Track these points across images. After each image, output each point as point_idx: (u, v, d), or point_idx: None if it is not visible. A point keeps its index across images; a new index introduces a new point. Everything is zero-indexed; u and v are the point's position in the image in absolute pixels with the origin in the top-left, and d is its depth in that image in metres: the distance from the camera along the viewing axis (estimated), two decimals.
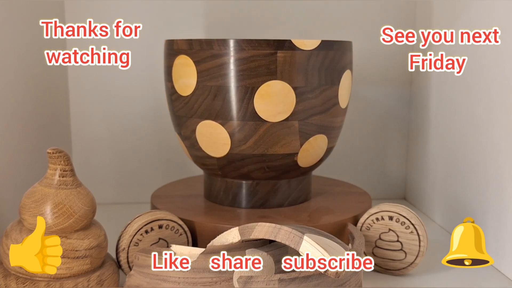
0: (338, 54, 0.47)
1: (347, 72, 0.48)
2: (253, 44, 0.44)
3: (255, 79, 0.44)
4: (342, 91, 0.48)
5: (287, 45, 0.44)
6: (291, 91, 0.45)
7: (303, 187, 0.51)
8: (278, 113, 0.45)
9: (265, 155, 0.46)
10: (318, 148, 0.48)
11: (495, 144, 0.47)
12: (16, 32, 0.50)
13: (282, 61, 0.44)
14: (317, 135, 0.47)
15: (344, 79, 0.48)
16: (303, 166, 0.49)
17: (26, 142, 0.52)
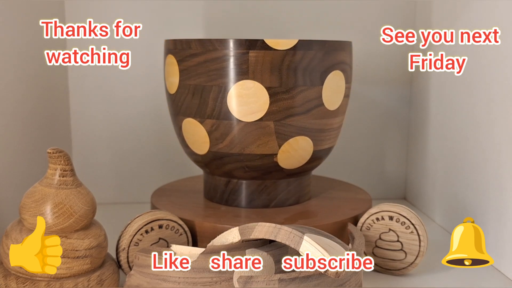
0: (319, 54, 0.45)
1: (335, 73, 0.47)
2: (225, 43, 0.44)
3: (228, 78, 0.44)
4: (328, 93, 0.46)
5: (259, 45, 0.44)
6: (264, 91, 0.44)
7: (293, 189, 0.50)
8: (251, 113, 0.45)
9: (242, 154, 0.46)
10: (301, 150, 0.47)
11: (495, 144, 0.47)
12: (16, 32, 0.50)
13: (254, 61, 0.44)
14: (297, 136, 0.46)
15: (331, 80, 0.46)
16: (286, 167, 0.48)
17: (26, 142, 0.52)
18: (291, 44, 0.44)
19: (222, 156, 0.47)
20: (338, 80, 0.47)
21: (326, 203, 0.51)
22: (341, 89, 0.48)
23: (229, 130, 0.46)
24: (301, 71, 0.45)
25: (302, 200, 0.51)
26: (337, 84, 0.47)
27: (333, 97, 0.47)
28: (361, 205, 0.50)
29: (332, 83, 0.47)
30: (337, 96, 0.48)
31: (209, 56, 0.45)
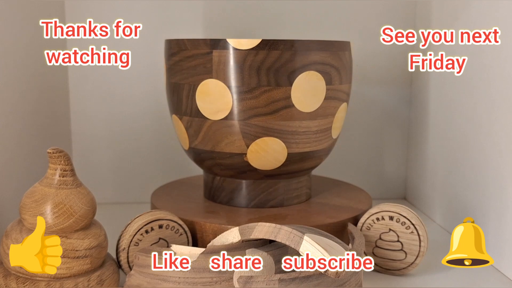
0: (287, 54, 0.44)
1: (308, 73, 0.45)
2: (193, 43, 0.45)
3: (195, 77, 0.46)
4: (299, 94, 0.45)
5: (221, 45, 0.44)
6: (227, 90, 0.45)
7: (274, 191, 0.49)
8: (217, 111, 0.45)
9: (214, 152, 0.47)
10: (272, 152, 0.46)
11: (495, 144, 0.47)
12: (16, 32, 0.50)
13: (217, 60, 0.44)
14: (265, 137, 0.46)
15: (302, 81, 0.45)
16: (260, 168, 0.47)
17: (26, 142, 0.52)
18: (253, 43, 0.44)
19: (200, 153, 0.49)
20: (313, 81, 0.45)
21: (326, 203, 0.51)
22: (318, 90, 0.46)
23: (200, 128, 0.47)
24: (265, 71, 0.44)
25: (288, 203, 0.50)
26: (312, 86, 0.45)
27: (306, 99, 0.45)
28: (361, 205, 0.50)
29: (304, 84, 0.45)
30: (313, 98, 0.46)
31: (182, 56, 0.46)
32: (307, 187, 0.52)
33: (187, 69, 0.46)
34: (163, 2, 0.62)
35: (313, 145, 0.48)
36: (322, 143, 0.48)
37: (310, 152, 0.48)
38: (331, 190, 0.55)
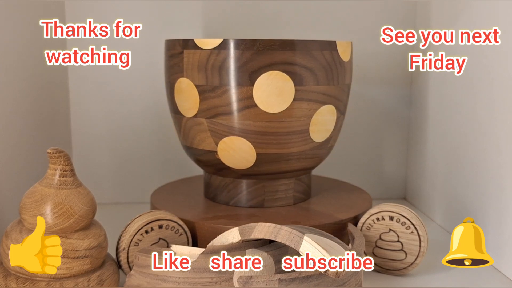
0: (248, 53, 0.44)
1: (271, 73, 0.44)
2: (171, 44, 0.48)
3: (173, 76, 0.48)
4: (263, 94, 0.44)
5: (190, 45, 0.46)
6: (195, 89, 0.46)
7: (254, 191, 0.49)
8: (189, 109, 0.47)
9: (192, 148, 0.49)
10: (240, 151, 0.46)
11: (495, 144, 0.47)
12: (16, 32, 0.50)
13: (186, 60, 0.46)
14: (231, 136, 0.46)
15: (265, 81, 0.44)
16: (233, 167, 0.48)
17: (26, 142, 0.52)
18: (216, 43, 0.45)
19: (186, 149, 0.51)
20: (278, 82, 0.44)
21: (326, 203, 0.51)
22: (285, 91, 0.45)
23: (180, 125, 0.49)
24: (225, 71, 0.44)
25: (269, 205, 0.50)
26: (276, 86, 0.44)
27: (270, 99, 0.45)
28: (361, 205, 0.50)
29: (267, 84, 0.44)
30: (278, 98, 0.45)
31: (167, 55, 0.49)
32: (296, 190, 0.51)
33: (168, 68, 0.49)
34: (163, 2, 0.62)
35: (287, 147, 0.47)
36: (298, 146, 0.47)
37: (284, 154, 0.47)
38: (331, 190, 0.55)
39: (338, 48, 0.47)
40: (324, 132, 0.48)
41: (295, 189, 0.51)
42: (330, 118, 0.48)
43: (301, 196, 0.51)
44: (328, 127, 0.48)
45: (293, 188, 0.50)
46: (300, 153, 0.48)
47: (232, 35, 0.62)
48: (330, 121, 0.48)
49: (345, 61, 0.48)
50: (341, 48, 0.47)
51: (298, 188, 0.51)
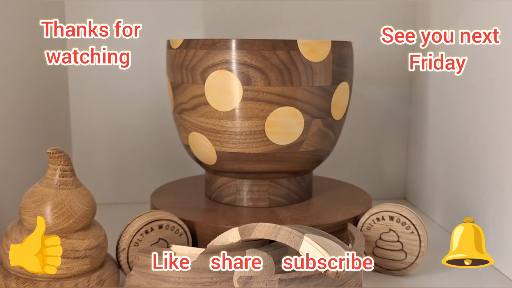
0: (201, 53, 0.45)
1: (219, 72, 0.45)
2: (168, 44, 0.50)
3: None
4: (212, 92, 0.45)
5: (168, 45, 0.49)
6: (170, 85, 0.49)
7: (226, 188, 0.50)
8: (170, 103, 0.51)
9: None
10: (204, 147, 0.48)
11: (495, 144, 0.47)
12: (16, 32, 0.50)
13: (167, 58, 0.50)
14: (195, 132, 0.48)
15: (213, 79, 0.45)
16: (203, 162, 0.50)
17: (26, 142, 0.52)
18: (179, 43, 0.47)
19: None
20: (225, 81, 0.45)
21: (326, 203, 0.51)
22: (232, 90, 0.45)
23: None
24: (185, 69, 0.47)
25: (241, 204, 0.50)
26: (224, 85, 0.45)
27: (219, 98, 0.45)
28: (361, 205, 0.50)
29: (215, 83, 0.45)
30: (226, 97, 0.45)
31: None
32: (272, 193, 0.49)
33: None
34: (163, 2, 0.62)
35: (243, 147, 0.46)
36: (254, 147, 0.46)
37: (243, 154, 0.47)
38: (331, 190, 0.55)
39: (300, 48, 0.45)
40: (286, 135, 0.46)
41: (270, 191, 0.49)
42: (292, 121, 0.46)
43: (280, 200, 0.50)
44: (292, 130, 0.46)
45: (267, 190, 0.49)
46: (261, 155, 0.47)
47: (232, 35, 0.62)
48: (294, 124, 0.46)
49: (313, 62, 0.45)
50: (305, 48, 0.45)
51: (275, 191, 0.49)
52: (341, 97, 0.48)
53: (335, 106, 0.48)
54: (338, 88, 0.48)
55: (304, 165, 0.49)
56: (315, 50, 0.45)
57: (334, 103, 0.48)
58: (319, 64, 0.46)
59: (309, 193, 0.52)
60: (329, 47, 0.46)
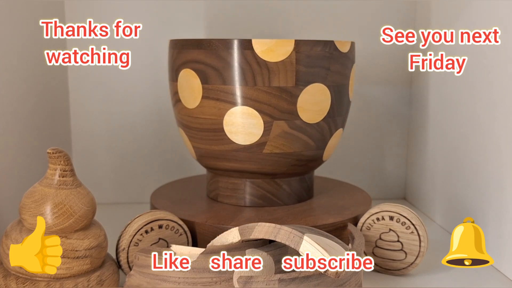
0: (175, 52, 0.48)
1: (185, 71, 0.46)
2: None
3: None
4: (182, 90, 0.48)
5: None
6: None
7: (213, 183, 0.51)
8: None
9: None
10: (187, 143, 0.51)
11: (495, 144, 0.47)
12: (16, 32, 0.50)
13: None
14: (180, 127, 0.51)
15: (182, 77, 0.47)
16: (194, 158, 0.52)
17: (26, 142, 0.52)
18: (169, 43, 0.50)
19: None
20: (190, 79, 0.46)
21: (326, 203, 0.51)
22: (194, 88, 0.46)
23: None
24: (170, 67, 0.50)
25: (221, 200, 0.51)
26: (189, 83, 0.47)
27: (186, 95, 0.48)
28: (361, 205, 0.50)
29: (183, 81, 0.47)
30: (191, 95, 0.47)
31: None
32: (250, 193, 0.49)
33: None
34: (163, 2, 0.62)
35: (208, 144, 0.48)
36: (218, 145, 0.47)
37: (210, 150, 0.48)
38: (331, 190, 0.55)
39: (255, 48, 0.44)
40: (246, 135, 0.46)
41: (246, 191, 0.49)
42: (251, 121, 0.45)
43: (257, 201, 0.49)
44: (251, 131, 0.46)
45: (243, 189, 0.49)
46: (224, 153, 0.47)
47: (232, 35, 0.62)
48: (253, 124, 0.45)
49: (270, 62, 0.44)
50: (261, 47, 0.44)
51: (253, 192, 0.49)
52: (313, 99, 0.46)
53: (303, 108, 0.46)
54: (307, 90, 0.45)
55: (277, 167, 0.48)
56: (272, 50, 0.44)
57: (302, 105, 0.46)
58: (278, 64, 0.44)
59: (310, 193, 0.52)
60: (291, 47, 0.44)
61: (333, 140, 0.50)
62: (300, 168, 0.49)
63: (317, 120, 0.47)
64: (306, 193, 0.52)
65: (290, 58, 0.44)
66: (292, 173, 0.49)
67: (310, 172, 0.51)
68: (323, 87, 0.46)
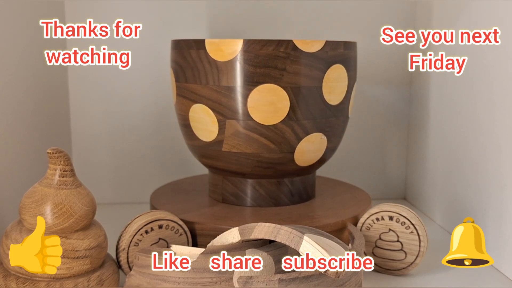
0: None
1: (171, 70, 0.50)
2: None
3: None
4: (170, 87, 0.52)
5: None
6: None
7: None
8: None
9: None
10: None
11: (495, 144, 0.47)
12: (16, 32, 0.50)
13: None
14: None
15: (169, 76, 0.52)
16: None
17: (26, 142, 0.52)
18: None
19: None
20: (171, 78, 0.51)
21: (326, 203, 0.51)
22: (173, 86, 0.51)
23: None
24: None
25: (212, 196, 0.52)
26: (171, 81, 0.51)
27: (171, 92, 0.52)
28: (361, 205, 0.50)
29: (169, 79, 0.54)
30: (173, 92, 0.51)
31: None
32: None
33: None
34: (163, 2, 0.62)
35: (187, 139, 0.51)
36: (190, 140, 0.50)
37: (190, 146, 0.51)
38: (331, 190, 0.55)
39: (206, 47, 0.45)
40: (206, 132, 0.47)
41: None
42: (207, 119, 0.46)
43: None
44: (208, 128, 0.47)
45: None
46: (197, 148, 0.50)
47: (233, 35, 0.62)
48: (208, 122, 0.46)
49: (219, 61, 0.45)
50: (211, 47, 0.45)
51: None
52: (265, 100, 0.45)
53: (255, 109, 0.45)
54: (257, 90, 0.44)
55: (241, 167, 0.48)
56: (221, 49, 0.45)
57: (253, 105, 0.45)
58: (226, 63, 0.45)
59: (311, 194, 0.52)
60: (239, 46, 0.44)
61: (305, 145, 0.47)
62: (268, 170, 0.48)
63: (274, 122, 0.45)
64: (307, 193, 0.52)
65: (238, 57, 0.44)
66: (264, 175, 0.48)
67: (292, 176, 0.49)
68: (276, 88, 0.45)
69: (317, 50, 0.45)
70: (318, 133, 0.47)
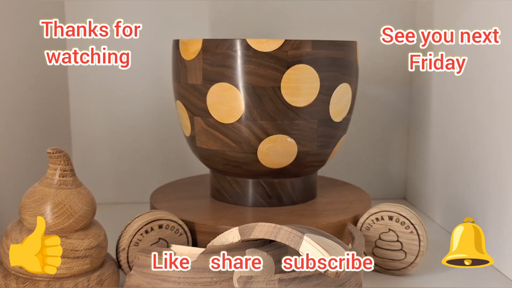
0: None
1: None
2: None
3: None
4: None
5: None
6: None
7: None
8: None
9: None
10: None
11: (495, 144, 0.47)
12: (16, 32, 0.50)
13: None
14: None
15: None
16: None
17: (26, 142, 0.52)
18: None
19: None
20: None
21: (326, 203, 0.51)
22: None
23: None
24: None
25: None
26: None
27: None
28: (361, 205, 0.50)
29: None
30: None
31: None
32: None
33: None
34: (163, 2, 0.62)
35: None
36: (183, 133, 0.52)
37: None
38: (331, 190, 0.55)
39: (180, 47, 0.48)
40: (184, 127, 0.51)
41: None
42: (184, 115, 0.49)
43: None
44: (185, 123, 0.50)
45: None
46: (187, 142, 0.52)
47: (233, 35, 0.62)
48: (185, 118, 0.49)
49: (187, 60, 0.46)
50: (182, 46, 0.47)
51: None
52: (220, 99, 0.45)
53: (213, 107, 0.46)
54: (213, 89, 0.45)
55: (215, 164, 0.49)
56: (187, 49, 0.47)
57: (211, 103, 0.46)
58: (190, 62, 0.46)
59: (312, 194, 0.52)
60: (199, 46, 0.45)
61: (268, 146, 0.46)
62: (236, 169, 0.48)
63: (231, 121, 0.46)
64: (308, 193, 0.52)
65: (198, 56, 0.46)
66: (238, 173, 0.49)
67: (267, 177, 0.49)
68: (230, 87, 0.45)
69: (274, 49, 0.44)
70: (281, 135, 0.46)
